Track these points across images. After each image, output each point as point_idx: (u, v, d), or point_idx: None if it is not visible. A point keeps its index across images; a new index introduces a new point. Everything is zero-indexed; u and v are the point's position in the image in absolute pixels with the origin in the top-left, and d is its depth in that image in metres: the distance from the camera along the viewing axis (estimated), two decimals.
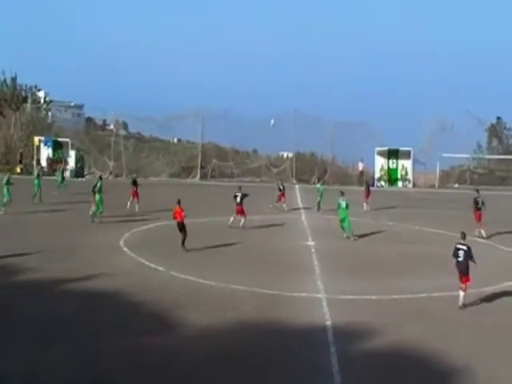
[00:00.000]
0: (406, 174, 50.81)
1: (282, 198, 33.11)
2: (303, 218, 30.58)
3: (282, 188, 33.37)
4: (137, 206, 30.50)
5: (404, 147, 50.66)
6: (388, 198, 40.42)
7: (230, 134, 53.67)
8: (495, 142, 52.38)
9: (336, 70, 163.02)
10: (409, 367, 11.52)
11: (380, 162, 51.13)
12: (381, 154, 51.08)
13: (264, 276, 17.93)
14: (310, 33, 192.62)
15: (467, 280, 14.87)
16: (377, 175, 50.99)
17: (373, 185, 46.65)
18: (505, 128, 52.33)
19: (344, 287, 16.80)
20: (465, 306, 14.96)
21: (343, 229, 24.62)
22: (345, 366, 11.17)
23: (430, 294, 16.32)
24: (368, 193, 34.66)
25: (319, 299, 15.70)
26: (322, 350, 12.11)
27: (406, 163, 50.70)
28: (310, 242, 23.62)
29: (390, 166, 50.90)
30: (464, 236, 15.48)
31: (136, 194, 31.09)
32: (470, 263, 14.93)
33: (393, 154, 50.81)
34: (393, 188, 49.74)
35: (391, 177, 50.94)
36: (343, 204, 24.52)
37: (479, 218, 25.71)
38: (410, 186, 50.34)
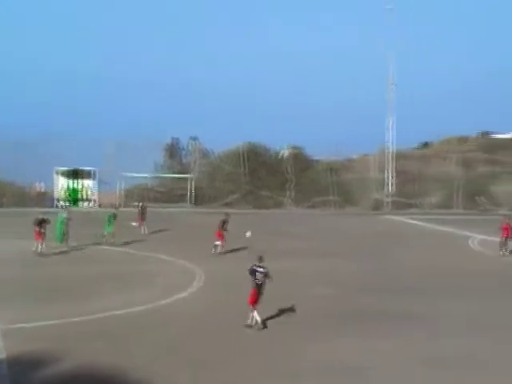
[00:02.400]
0: (91, 193, 51.04)
1: None
2: None
3: None
4: None
5: (87, 167, 50.84)
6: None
7: None
8: (172, 162, 55.58)
9: None
10: None
11: (61, 182, 50.51)
12: (62, 173, 50.47)
13: None
14: None
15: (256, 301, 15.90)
16: (58, 195, 50.14)
17: (53, 205, 45.91)
18: (180, 148, 55.95)
19: (21, 315, 16.20)
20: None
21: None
22: None
23: (113, 313, 16.83)
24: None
25: None
26: None
27: (90, 183, 50.98)
28: None
29: (73, 186, 50.63)
30: (261, 259, 16.49)
31: None
32: None
33: (75, 173, 50.63)
34: (75, 208, 49.42)
35: (74, 197, 50.60)
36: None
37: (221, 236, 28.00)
38: (96, 205, 50.59)
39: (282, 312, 17.62)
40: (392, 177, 57.63)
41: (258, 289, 15.88)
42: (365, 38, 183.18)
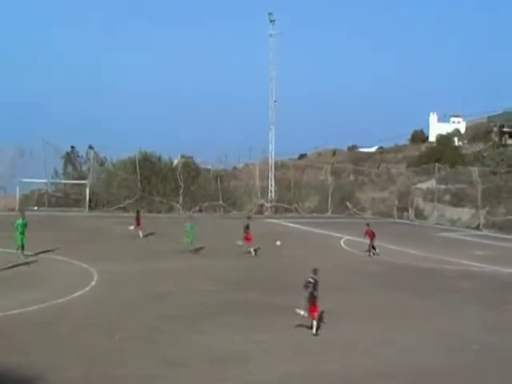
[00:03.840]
0: None
1: None
2: None
3: None
4: None
5: None
6: None
7: None
8: (70, 168, 54.55)
9: None
10: None
11: None
12: None
13: None
14: None
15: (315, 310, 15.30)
16: None
17: None
18: (78, 156, 54.95)
19: None
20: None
21: None
22: None
23: (5, 313, 16.17)
24: None
25: None
26: None
27: None
28: None
29: None
30: (316, 271, 15.81)
31: None
32: None
33: None
34: None
35: None
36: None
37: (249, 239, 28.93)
38: None
39: (169, 306, 17.71)
40: (272, 184, 59.03)
41: (311, 297, 15.45)
42: (253, 60, 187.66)
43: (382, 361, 13.85)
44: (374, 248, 30.28)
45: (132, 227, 33.82)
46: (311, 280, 15.52)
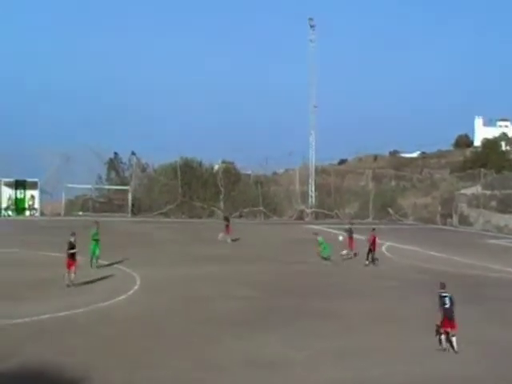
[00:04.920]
0: (34, 203, 49.92)
1: None
2: None
3: None
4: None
5: (31, 178, 49.69)
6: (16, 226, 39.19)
7: None
8: (113, 174, 55.56)
9: None
10: None
11: (7, 192, 49.23)
12: (7, 184, 49.21)
13: None
14: None
15: (454, 326, 15.00)
16: (4, 205, 48.86)
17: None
18: (121, 162, 55.96)
19: None
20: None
21: None
22: None
23: (53, 315, 16.66)
24: None
25: None
26: None
27: (34, 193, 49.83)
28: None
29: (18, 196, 49.35)
30: (444, 286, 15.82)
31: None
32: None
33: (20, 184, 49.41)
34: (20, 217, 48.23)
35: (19, 206, 49.37)
36: None
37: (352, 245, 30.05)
38: (38, 214, 49.50)
39: (207, 311, 17.94)
40: (313, 190, 58.88)
41: (446, 313, 15.10)
42: (291, 65, 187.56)
43: (431, 369, 13.64)
44: (369, 256, 28.83)
45: (222, 234, 34.81)
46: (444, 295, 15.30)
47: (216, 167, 57.84)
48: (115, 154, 55.54)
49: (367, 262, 28.73)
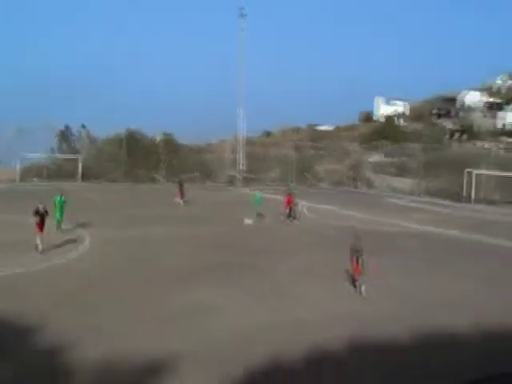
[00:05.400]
0: None
1: None
2: None
3: None
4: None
5: None
6: None
7: None
8: (64, 146, 54.29)
9: None
10: None
11: None
12: None
13: None
14: None
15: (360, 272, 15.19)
16: None
17: None
18: (71, 134, 54.61)
19: None
20: None
21: None
22: None
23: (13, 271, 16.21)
24: None
25: None
26: None
27: None
28: None
29: None
30: (359, 238, 15.52)
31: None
32: None
33: None
34: None
35: None
36: None
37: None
38: None
39: (154, 268, 17.90)
40: (242, 158, 59.03)
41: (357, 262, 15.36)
42: (220, 41, 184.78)
43: (347, 308, 14.22)
44: (290, 215, 29.30)
45: (177, 199, 34.58)
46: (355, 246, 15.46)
47: (158, 139, 57.14)
48: (66, 126, 53.91)
49: (289, 222, 29.30)
